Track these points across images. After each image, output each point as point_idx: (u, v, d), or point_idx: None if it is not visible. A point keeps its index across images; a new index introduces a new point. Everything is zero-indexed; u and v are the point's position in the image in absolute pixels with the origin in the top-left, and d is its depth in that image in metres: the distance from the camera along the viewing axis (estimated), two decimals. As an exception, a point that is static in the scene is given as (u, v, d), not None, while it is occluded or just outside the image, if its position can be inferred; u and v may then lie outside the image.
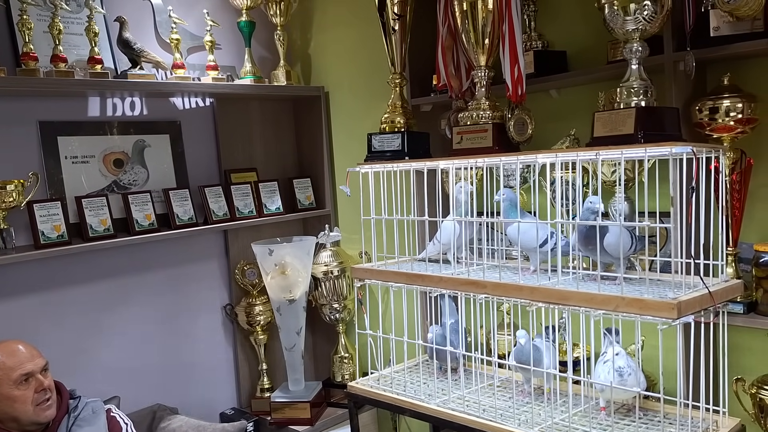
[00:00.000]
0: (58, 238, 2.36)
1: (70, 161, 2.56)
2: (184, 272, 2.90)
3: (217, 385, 3.02)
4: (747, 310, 1.85)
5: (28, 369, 1.97)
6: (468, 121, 2.05)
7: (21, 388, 1.95)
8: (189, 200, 2.76)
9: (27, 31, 2.30)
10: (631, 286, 1.74)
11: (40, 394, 1.98)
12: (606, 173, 2.04)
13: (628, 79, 1.71)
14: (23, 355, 1.99)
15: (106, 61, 2.58)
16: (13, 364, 1.96)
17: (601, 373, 1.82)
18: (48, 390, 2.00)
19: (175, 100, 2.89)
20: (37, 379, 1.98)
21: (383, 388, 2.18)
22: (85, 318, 2.60)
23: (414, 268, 2.14)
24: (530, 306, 1.77)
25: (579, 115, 2.16)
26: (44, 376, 2.01)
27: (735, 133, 1.82)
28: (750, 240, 1.92)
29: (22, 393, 1.95)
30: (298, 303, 2.82)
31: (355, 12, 2.98)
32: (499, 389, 2.10)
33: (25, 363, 1.97)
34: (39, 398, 1.98)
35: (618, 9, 1.66)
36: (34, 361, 1.99)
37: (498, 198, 1.97)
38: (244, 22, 3.00)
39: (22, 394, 1.95)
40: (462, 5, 2.01)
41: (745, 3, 1.70)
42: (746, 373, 1.90)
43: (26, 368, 1.97)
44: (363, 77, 2.99)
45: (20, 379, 1.95)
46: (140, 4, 2.79)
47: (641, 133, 1.62)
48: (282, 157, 3.25)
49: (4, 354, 1.98)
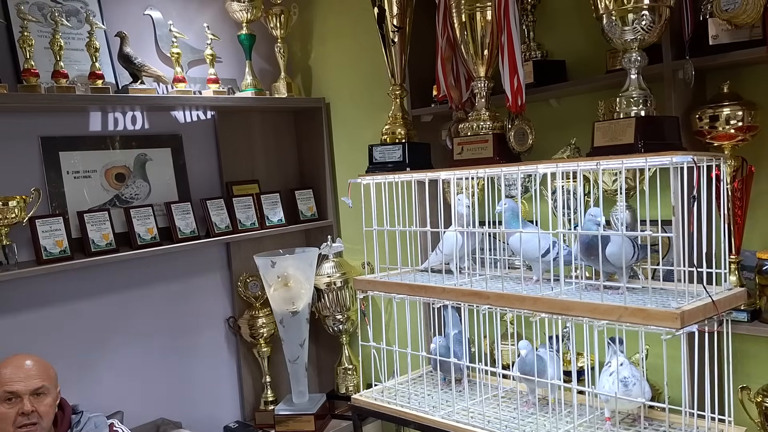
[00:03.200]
0: (60, 253, 2.37)
1: (71, 176, 2.56)
2: (186, 285, 2.90)
3: (220, 399, 3.01)
4: (751, 318, 1.84)
5: (14, 388, 1.92)
6: (468, 132, 2.06)
7: (4, 405, 1.92)
8: (191, 213, 2.76)
9: (28, 47, 2.31)
10: (634, 295, 1.74)
11: (23, 418, 1.92)
12: (607, 182, 2.03)
13: (627, 89, 1.71)
14: (20, 372, 1.95)
15: (107, 75, 2.59)
16: (4, 378, 1.93)
17: (606, 383, 1.81)
18: (32, 416, 1.92)
19: (176, 114, 2.90)
20: (22, 401, 1.92)
21: (387, 400, 2.17)
22: (88, 333, 2.60)
23: (417, 278, 2.14)
24: (534, 316, 1.77)
25: (579, 124, 2.16)
26: (33, 400, 1.94)
27: (736, 141, 1.82)
28: (752, 247, 1.92)
29: (5, 411, 1.91)
30: (301, 315, 2.82)
31: (354, 24, 2.99)
32: (504, 400, 2.09)
33: (15, 381, 1.93)
34: (21, 421, 1.92)
35: (616, 19, 1.67)
36: (26, 382, 1.94)
37: (500, 208, 1.97)
38: (245, 35, 3.01)
39: (3, 412, 1.91)
40: (461, 17, 2.01)
41: (744, 11, 1.70)
42: (751, 381, 1.89)
43: (13, 387, 1.92)
44: (363, 88, 3.00)
45: (4, 396, 1.92)
46: (141, 19, 2.81)
47: (641, 142, 1.62)
48: (283, 169, 3.25)
49: (4, 366, 1.96)
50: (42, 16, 2.47)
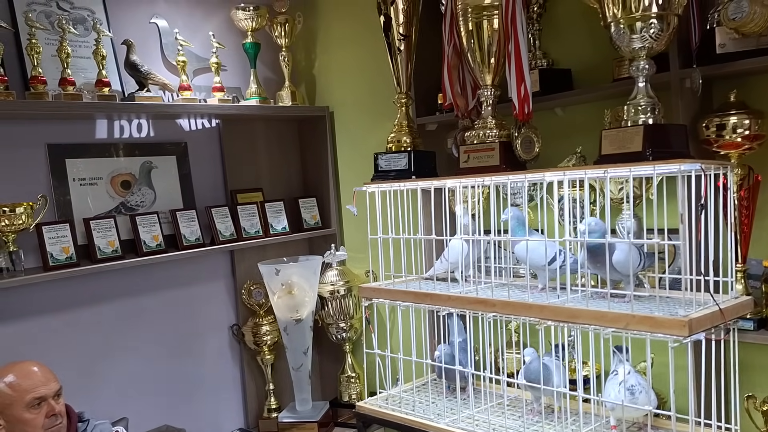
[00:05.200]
0: (66, 260, 2.37)
1: (78, 183, 2.57)
2: (191, 293, 2.90)
3: (224, 406, 3.00)
4: (757, 326, 1.84)
5: (41, 393, 1.95)
6: (475, 140, 2.06)
7: (33, 412, 1.94)
8: (196, 221, 2.76)
9: (36, 54, 2.32)
10: (640, 303, 1.73)
11: (51, 420, 1.96)
12: (613, 191, 2.04)
13: (635, 97, 1.72)
14: (38, 377, 1.97)
15: (114, 83, 2.60)
16: (28, 386, 1.94)
17: (612, 391, 1.80)
18: (59, 416, 1.98)
19: (181, 122, 2.91)
20: (49, 404, 1.96)
21: (392, 407, 2.16)
22: (93, 339, 2.60)
23: (421, 286, 2.14)
24: (539, 324, 1.77)
25: (584, 132, 2.16)
26: (56, 401, 1.99)
27: (742, 150, 1.83)
28: (759, 256, 1.92)
29: (34, 417, 1.93)
30: (305, 322, 2.82)
31: (359, 32, 3.00)
32: (509, 408, 2.08)
33: (39, 387, 1.95)
34: (49, 423, 1.96)
35: (624, 27, 1.67)
36: (48, 385, 1.97)
37: (505, 217, 1.98)
38: (250, 43, 3.03)
39: (33, 418, 1.93)
40: (468, 25, 2.02)
41: (751, 20, 1.71)
42: (757, 389, 1.89)
43: (40, 392, 1.95)
44: (368, 96, 3.01)
45: (33, 403, 1.93)
46: (147, 27, 2.82)
47: (649, 150, 1.62)
48: (287, 177, 3.26)
49: (19, 375, 1.96)
50: (49, 24, 2.49)
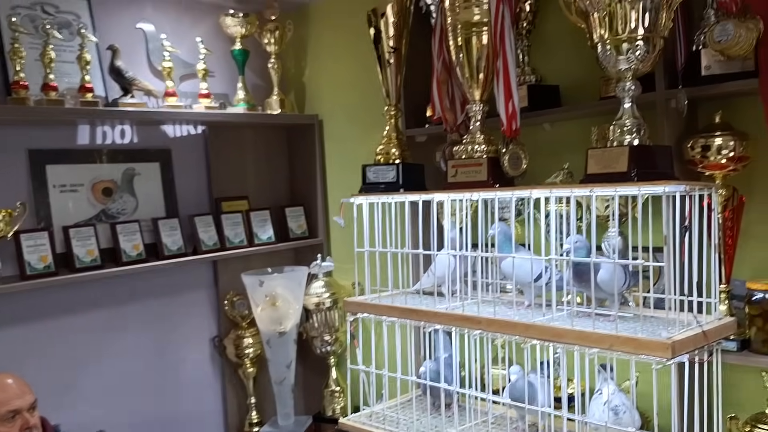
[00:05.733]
0: (44, 269, 2.33)
1: (58, 190, 2.53)
2: (171, 303, 2.86)
3: (204, 420, 2.96)
4: (740, 347, 1.84)
5: (15, 405, 1.93)
6: (463, 155, 2.05)
7: (6, 425, 1.91)
8: (178, 230, 2.73)
9: (18, 59, 2.29)
10: (625, 323, 1.73)
11: None
12: (600, 208, 2.04)
13: (620, 117, 1.72)
14: (12, 390, 1.95)
15: (98, 88, 2.57)
16: (2, 399, 1.92)
17: (596, 411, 1.80)
18: (34, 429, 1.96)
19: (166, 128, 2.88)
20: (23, 417, 1.94)
21: (375, 425, 2.14)
22: (70, 351, 2.55)
23: (408, 301, 2.12)
24: (525, 343, 1.76)
25: (572, 148, 2.16)
26: (31, 414, 1.96)
27: (727, 171, 1.84)
28: (742, 277, 1.92)
29: (7, 430, 1.91)
30: (289, 335, 2.78)
31: (350, 42, 2.99)
32: (494, 426, 2.07)
33: (13, 399, 1.93)
34: None
35: (611, 49, 1.68)
36: (23, 398, 1.95)
37: (492, 232, 1.97)
38: (238, 50, 3.01)
39: (6, 431, 1.91)
40: (457, 40, 2.02)
41: (736, 42, 1.72)
42: (740, 410, 1.89)
43: (14, 405, 1.92)
44: (357, 106, 3.00)
45: (7, 416, 1.91)
46: (133, 32, 2.79)
47: (634, 171, 1.62)
48: (274, 186, 3.23)
49: None
50: (33, 28, 2.45)
